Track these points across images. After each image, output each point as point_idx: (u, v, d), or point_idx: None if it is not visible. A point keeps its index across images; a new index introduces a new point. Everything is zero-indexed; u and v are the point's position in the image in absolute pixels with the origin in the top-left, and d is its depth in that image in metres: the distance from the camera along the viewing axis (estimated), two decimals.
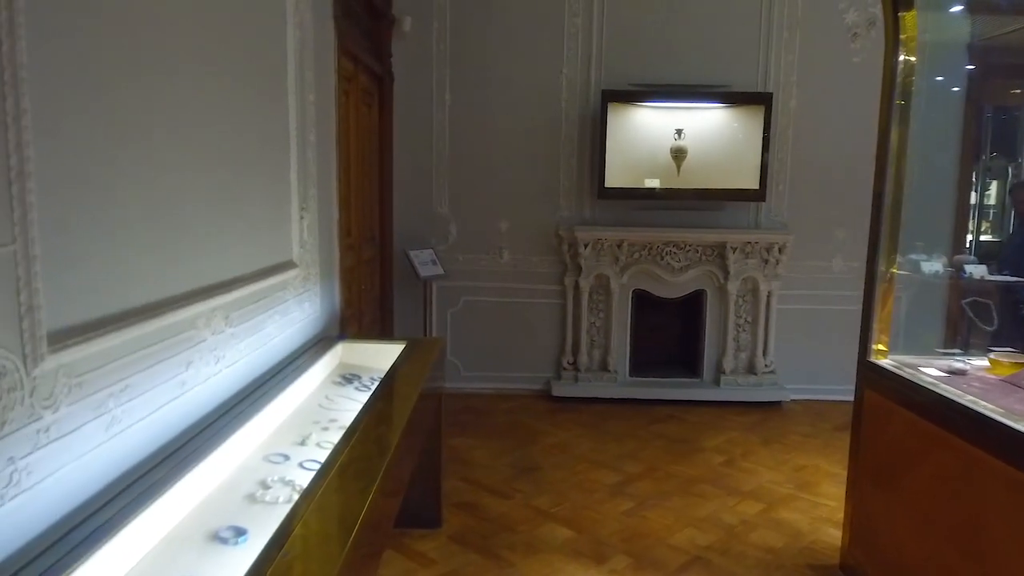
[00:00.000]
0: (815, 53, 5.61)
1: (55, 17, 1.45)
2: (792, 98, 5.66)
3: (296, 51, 3.07)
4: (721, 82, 5.56)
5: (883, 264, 3.21)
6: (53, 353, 1.41)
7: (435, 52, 5.61)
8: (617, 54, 5.60)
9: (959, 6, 4.49)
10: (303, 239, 3.17)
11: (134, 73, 1.76)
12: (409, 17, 5.44)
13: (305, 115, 3.19)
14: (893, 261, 3.24)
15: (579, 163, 5.71)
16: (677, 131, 5.55)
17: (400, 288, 5.61)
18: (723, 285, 5.71)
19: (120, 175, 1.70)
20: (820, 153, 5.67)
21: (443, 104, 5.67)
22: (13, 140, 1.30)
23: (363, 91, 4.77)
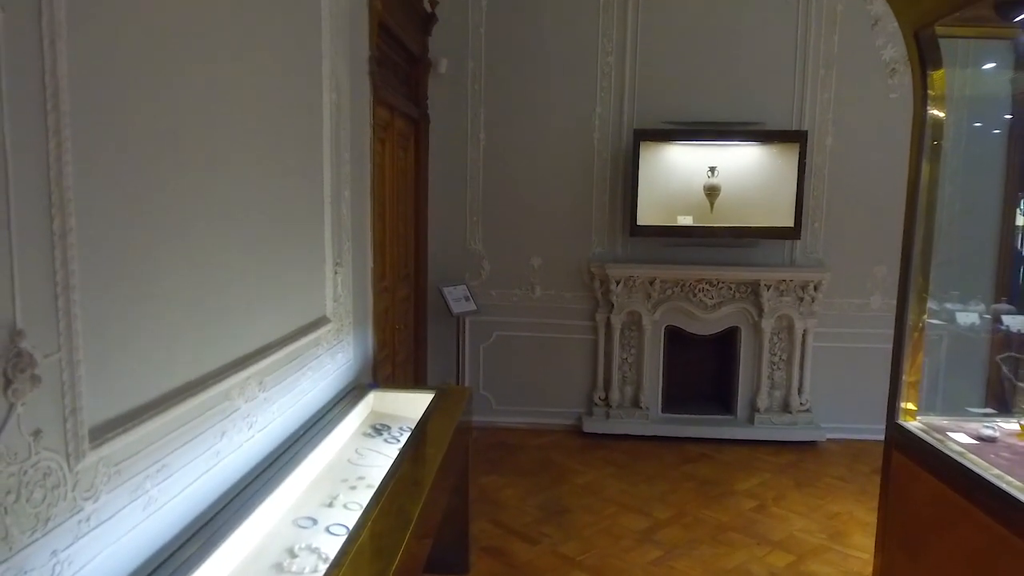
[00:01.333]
0: (852, 90, 5.56)
1: (99, 138, 1.57)
2: (828, 135, 5.61)
3: (332, 113, 3.20)
4: (755, 119, 5.55)
5: (913, 313, 3.17)
6: (95, 448, 1.53)
7: (470, 92, 5.73)
8: (650, 92, 5.64)
9: (991, 63, 4.42)
10: (337, 293, 3.28)
11: (179, 173, 1.89)
12: (445, 59, 5.58)
13: (340, 173, 3.32)
14: (924, 310, 3.20)
15: (611, 200, 5.75)
16: (710, 169, 5.55)
17: (433, 323, 5.72)
18: (757, 322, 5.67)
19: (161, 270, 1.82)
20: (857, 190, 5.61)
21: (477, 143, 5.78)
22: (60, 257, 1.42)
23: (399, 135, 4.90)
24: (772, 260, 5.72)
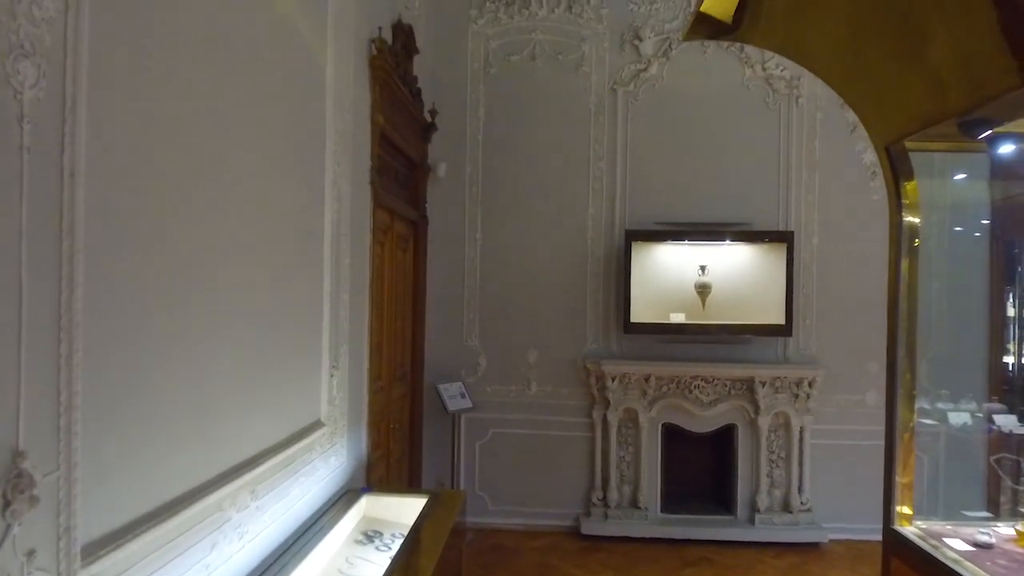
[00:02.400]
0: (835, 192, 5.78)
1: (108, 262, 1.67)
2: (814, 235, 5.79)
3: (333, 222, 3.34)
4: (743, 220, 5.74)
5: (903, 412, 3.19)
6: (86, 567, 1.54)
7: (467, 194, 5.95)
8: (640, 194, 5.85)
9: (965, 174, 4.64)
10: (332, 396, 3.32)
11: (183, 291, 1.98)
12: (444, 163, 5.82)
13: (340, 279, 3.42)
14: (913, 410, 3.23)
15: (606, 297, 5.86)
16: (701, 267, 5.69)
17: (429, 421, 5.70)
18: (754, 419, 5.66)
19: (160, 387, 1.88)
20: (846, 287, 5.73)
21: (475, 242, 5.95)
22: (64, 378, 1.48)
23: (398, 237, 5.06)
24: (766, 356, 5.77)
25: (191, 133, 2.06)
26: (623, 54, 5.85)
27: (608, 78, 5.86)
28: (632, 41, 5.81)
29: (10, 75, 1.36)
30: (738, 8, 2.76)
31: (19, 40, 1.38)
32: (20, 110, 1.39)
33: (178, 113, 1.98)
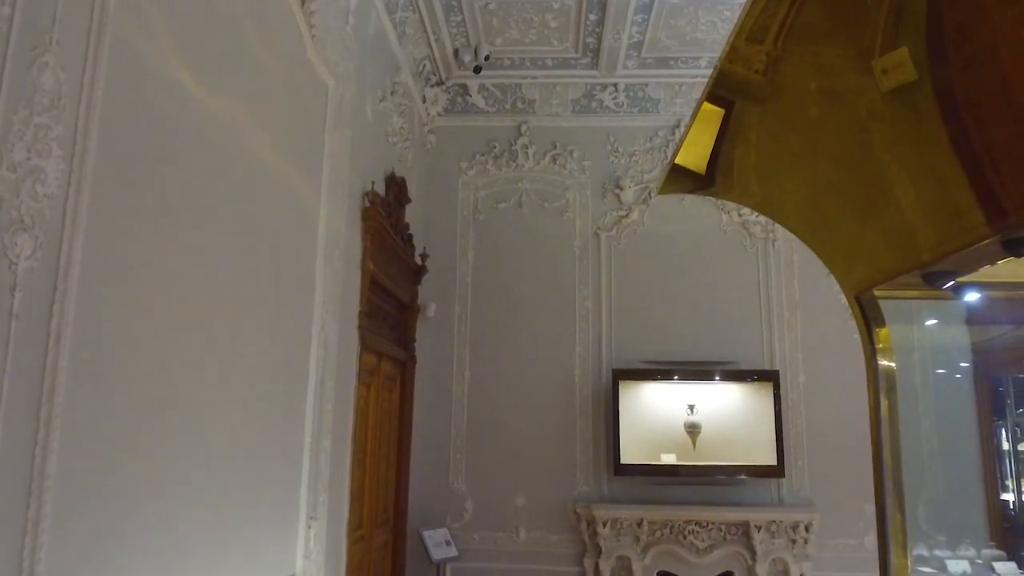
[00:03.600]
0: (817, 330, 5.88)
1: (83, 425, 1.69)
2: (800, 374, 5.83)
3: (318, 367, 3.37)
4: (728, 359, 5.80)
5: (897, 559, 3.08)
6: None
7: (456, 333, 6.03)
8: (626, 333, 5.94)
9: (933, 320, 4.78)
10: (308, 549, 3.20)
11: (157, 452, 1.98)
12: (434, 304, 5.94)
13: (322, 424, 3.41)
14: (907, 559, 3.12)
15: (595, 438, 5.79)
16: (689, 406, 5.68)
17: (412, 571, 5.44)
18: (751, 567, 5.43)
19: (129, 544, 1.83)
20: (836, 427, 5.69)
21: (462, 381, 5.95)
22: (29, 545, 1.46)
23: (385, 378, 5.07)
24: (760, 498, 5.63)
25: (181, 287, 2.14)
26: (605, 201, 6.15)
27: (591, 223, 6.12)
28: (613, 190, 6.13)
29: (7, 248, 1.45)
30: (710, 165, 2.95)
31: (20, 215, 1.48)
32: (13, 280, 1.46)
33: (170, 270, 2.07)
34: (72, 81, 1.64)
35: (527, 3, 5.06)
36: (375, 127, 4.59)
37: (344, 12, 3.79)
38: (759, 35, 2.08)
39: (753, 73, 2.27)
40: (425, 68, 5.81)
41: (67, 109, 1.61)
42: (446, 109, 6.26)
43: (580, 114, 6.21)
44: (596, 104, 6.16)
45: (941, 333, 5.02)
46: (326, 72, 3.51)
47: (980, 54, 1.52)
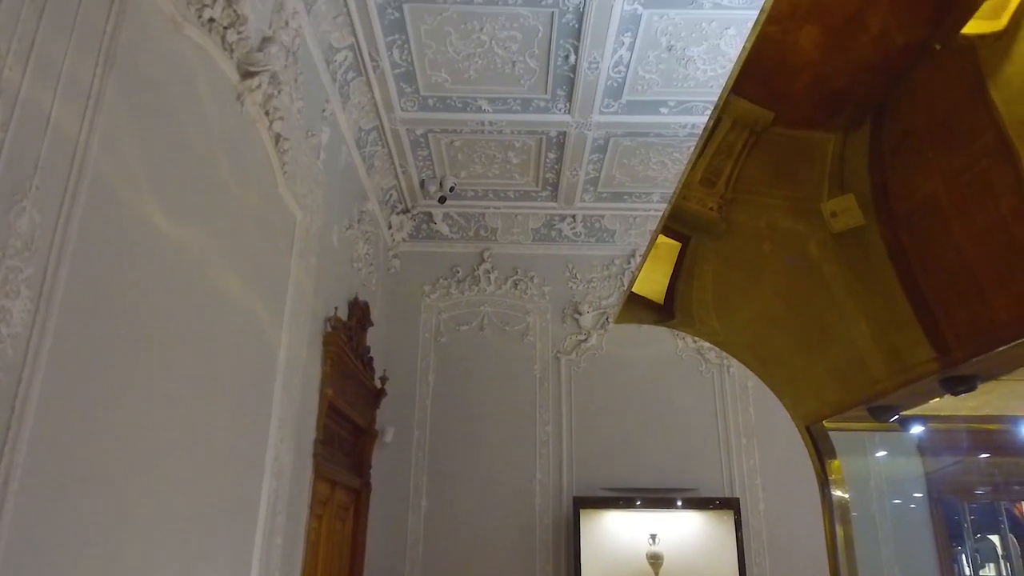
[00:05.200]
0: (774, 457, 5.92)
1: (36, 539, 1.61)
2: (760, 501, 5.81)
3: (270, 498, 3.26)
4: (689, 485, 5.76)
5: None
6: None
7: (414, 459, 5.90)
8: (587, 459, 5.89)
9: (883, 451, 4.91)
10: None
11: None
12: (392, 428, 5.85)
13: (270, 561, 3.25)
14: None
15: (556, 569, 5.60)
16: (651, 536, 5.57)
17: None
18: None
19: None
20: (798, 555, 5.61)
21: (419, 509, 5.77)
22: None
23: (338, 507, 4.90)
24: None
25: (138, 426, 2.10)
26: (565, 326, 6.28)
27: (552, 347, 6.21)
28: (573, 315, 6.28)
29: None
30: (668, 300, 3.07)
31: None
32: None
33: (128, 409, 2.05)
34: (47, 223, 1.69)
35: (491, 142, 5.37)
36: (341, 253, 4.70)
37: (316, 148, 3.97)
38: (712, 178, 2.25)
39: (707, 210, 2.43)
40: (392, 197, 6.03)
41: (39, 251, 1.65)
42: (411, 235, 6.45)
43: (540, 242, 6.45)
44: (555, 233, 6.42)
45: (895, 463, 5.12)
46: (295, 204, 3.63)
47: (924, 204, 1.67)
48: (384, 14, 4.08)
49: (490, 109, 4.92)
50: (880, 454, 4.94)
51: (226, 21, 2.64)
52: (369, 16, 4.05)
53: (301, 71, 3.62)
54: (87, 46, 1.82)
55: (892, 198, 1.81)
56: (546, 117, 4.98)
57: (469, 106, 4.91)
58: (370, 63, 4.42)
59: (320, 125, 4.06)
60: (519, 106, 4.89)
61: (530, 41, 4.29)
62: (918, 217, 1.73)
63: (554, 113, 4.94)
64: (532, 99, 4.82)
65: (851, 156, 1.90)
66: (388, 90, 4.71)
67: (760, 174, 2.15)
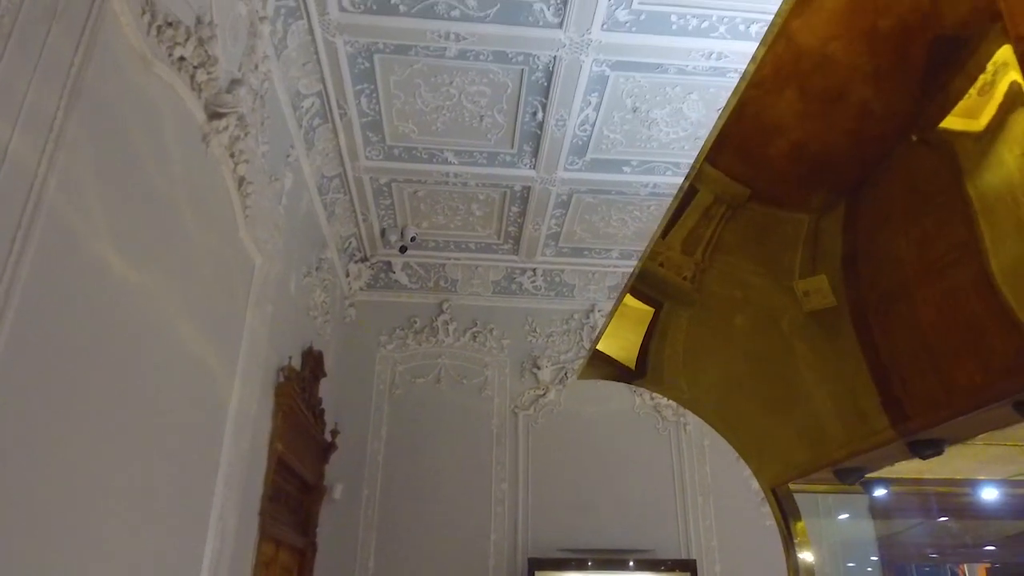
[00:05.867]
0: (731, 517, 5.88)
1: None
2: (716, 563, 5.74)
3: (212, 562, 3.04)
4: (645, 546, 5.66)
5: None
6: None
7: (362, 517, 5.66)
8: (543, 517, 5.75)
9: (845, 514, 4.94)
10: None
11: None
12: (341, 484, 5.61)
13: None
14: None
15: None
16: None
17: None
18: None
19: None
20: None
21: (366, 570, 5.50)
22: None
23: (282, 569, 4.62)
24: None
25: (82, 477, 1.94)
26: (523, 380, 6.20)
27: (510, 402, 6.11)
28: (531, 369, 6.21)
29: None
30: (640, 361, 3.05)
31: None
32: None
33: (71, 459, 1.88)
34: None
35: (454, 193, 5.36)
36: (297, 301, 4.56)
37: (279, 193, 3.88)
38: (687, 248, 2.25)
39: (682, 280, 2.42)
40: (351, 245, 5.93)
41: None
42: (369, 284, 6.34)
43: (500, 295, 6.41)
44: (516, 286, 6.40)
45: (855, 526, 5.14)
46: (255, 250, 3.52)
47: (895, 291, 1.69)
48: (354, 63, 4.07)
49: (456, 161, 4.93)
50: (843, 516, 4.96)
51: (196, 61, 2.58)
52: (339, 65, 4.03)
53: (268, 115, 3.56)
54: (52, 78, 1.73)
55: (863, 284, 1.83)
56: (511, 171, 5.01)
57: (435, 157, 4.91)
58: (337, 111, 4.39)
59: (284, 170, 3.98)
60: (485, 159, 4.91)
61: (499, 96, 4.33)
62: (888, 303, 1.75)
63: (520, 168, 4.97)
64: (498, 153, 4.84)
65: (824, 238, 1.93)
66: (354, 138, 4.67)
67: (735, 248, 2.16)
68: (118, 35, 2.04)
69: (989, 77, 1.27)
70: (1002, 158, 1.30)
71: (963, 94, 1.33)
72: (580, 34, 3.79)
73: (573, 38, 3.81)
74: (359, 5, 3.67)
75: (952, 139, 1.45)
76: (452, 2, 3.64)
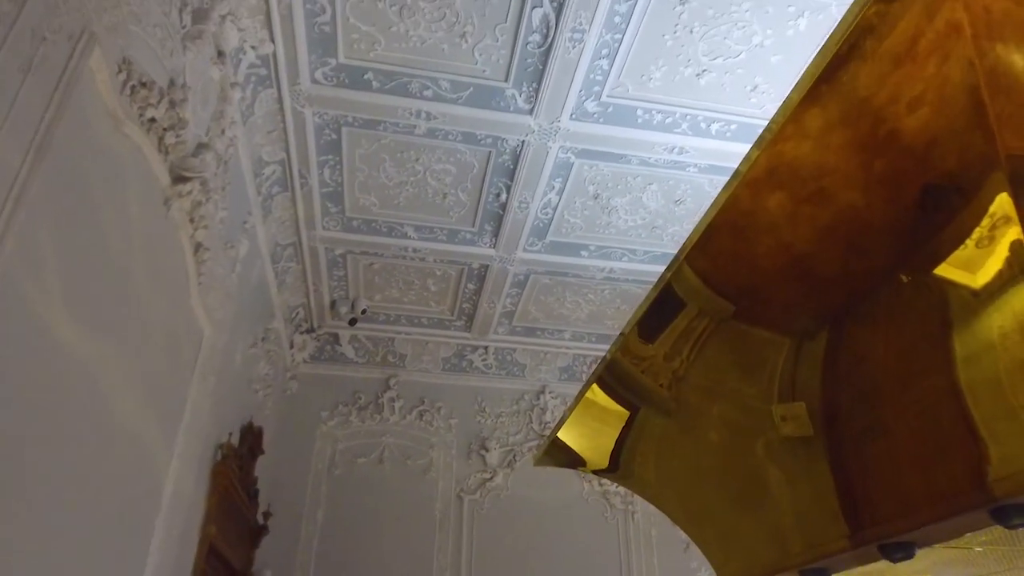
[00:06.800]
0: None
1: None
2: None
3: None
4: None
5: None
6: None
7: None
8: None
9: None
10: None
11: None
12: (269, 572, 5.21)
13: None
14: None
15: None
16: None
17: None
18: None
19: None
20: None
21: None
22: None
23: None
24: None
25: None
26: (470, 462, 6.00)
27: (455, 485, 5.89)
28: (479, 451, 6.04)
29: None
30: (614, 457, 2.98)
31: None
32: None
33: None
34: None
35: (411, 268, 5.29)
36: (241, 374, 4.34)
37: (233, 260, 3.74)
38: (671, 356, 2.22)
39: (659, 387, 2.39)
40: (298, 315, 5.75)
41: None
42: (313, 356, 6.11)
43: (450, 372, 6.27)
44: (466, 364, 6.28)
45: None
46: (205, 319, 3.34)
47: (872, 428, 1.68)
48: (321, 134, 4.03)
49: (415, 236, 4.89)
50: None
51: (167, 123, 2.49)
52: (306, 135, 3.99)
53: (229, 180, 3.45)
54: (21, 132, 1.62)
55: (842, 419, 1.83)
56: (471, 249, 4.99)
57: (394, 231, 4.85)
58: (299, 179, 4.32)
59: (240, 237, 3.85)
60: (445, 236, 4.88)
61: (464, 176, 4.35)
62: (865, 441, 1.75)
63: (479, 246, 4.96)
64: (459, 230, 4.83)
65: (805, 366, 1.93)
66: (313, 208, 4.59)
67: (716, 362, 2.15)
68: (92, 92, 1.94)
69: (986, 232, 1.28)
70: (992, 330, 1.28)
71: (960, 243, 1.34)
72: (549, 121, 3.87)
73: (542, 125, 3.89)
74: (331, 79, 3.66)
75: (946, 288, 1.44)
76: (426, 82, 3.68)
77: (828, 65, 1.26)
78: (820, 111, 1.44)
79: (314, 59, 3.53)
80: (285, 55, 3.45)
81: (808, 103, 1.37)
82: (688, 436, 2.37)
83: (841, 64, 1.29)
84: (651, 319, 2.11)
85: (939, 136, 1.38)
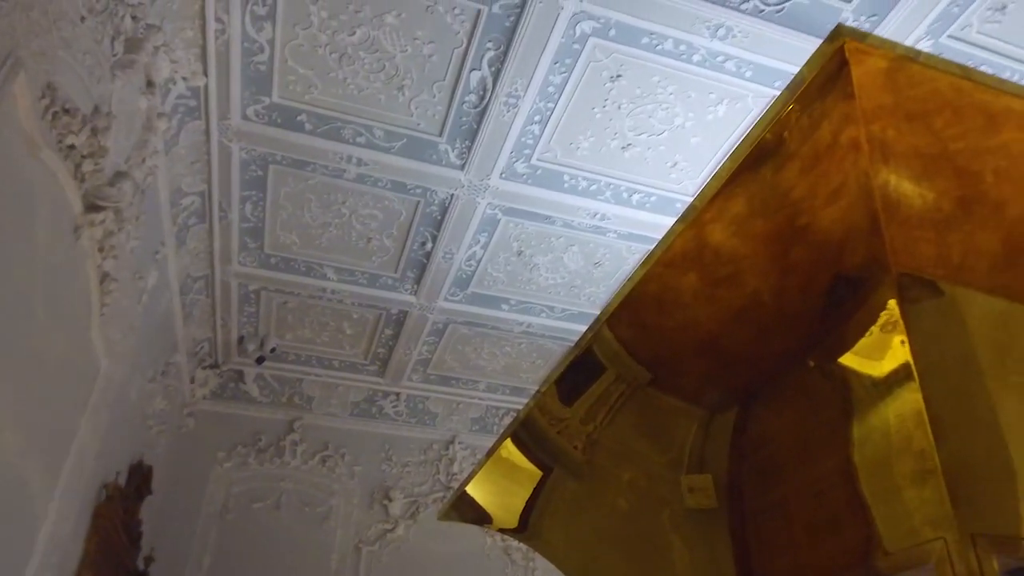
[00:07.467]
0: None
1: None
2: None
3: None
4: None
5: None
6: None
7: None
8: None
9: None
10: None
11: None
12: None
13: None
14: None
15: None
16: None
17: None
18: None
19: None
20: None
21: None
22: None
23: None
24: None
25: None
26: (372, 512, 5.84)
27: (354, 535, 5.71)
28: (382, 500, 5.89)
29: None
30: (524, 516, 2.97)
31: None
32: None
33: None
34: None
35: (328, 309, 5.20)
36: (136, 409, 4.10)
37: (140, 292, 3.58)
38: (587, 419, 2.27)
39: (573, 448, 2.43)
40: (203, 349, 5.51)
41: None
42: (214, 393, 5.85)
43: (358, 417, 6.13)
44: (376, 410, 6.16)
45: None
46: (103, 351, 3.16)
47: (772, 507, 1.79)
48: (247, 170, 3.96)
49: (335, 278, 4.82)
50: None
51: (87, 150, 2.40)
52: (230, 169, 3.91)
53: (144, 210, 3.33)
54: None
55: (745, 495, 1.93)
56: (391, 295, 4.96)
57: (313, 271, 4.78)
58: (218, 213, 4.20)
59: (150, 267, 3.69)
60: (366, 280, 4.84)
61: (391, 223, 4.36)
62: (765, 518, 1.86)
63: (400, 292, 4.94)
64: (381, 276, 4.80)
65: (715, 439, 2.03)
66: (230, 242, 4.47)
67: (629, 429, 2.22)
68: (11, 117, 1.86)
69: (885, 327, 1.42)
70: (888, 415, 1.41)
71: (864, 333, 1.47)
72: (480, 178, 3.95)
73: (472, 181, 3.96)
74: (263, 117, 3.62)
75: (849, 376, 1.57)
76: (360, 129, 3.70)
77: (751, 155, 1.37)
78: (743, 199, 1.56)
79: (247, 96, 3.49)
80: (217, 89, 3.39)
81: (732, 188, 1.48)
82: (597, 501, 2.41)
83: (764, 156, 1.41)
84: (570, 380, 2.16)
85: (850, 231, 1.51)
